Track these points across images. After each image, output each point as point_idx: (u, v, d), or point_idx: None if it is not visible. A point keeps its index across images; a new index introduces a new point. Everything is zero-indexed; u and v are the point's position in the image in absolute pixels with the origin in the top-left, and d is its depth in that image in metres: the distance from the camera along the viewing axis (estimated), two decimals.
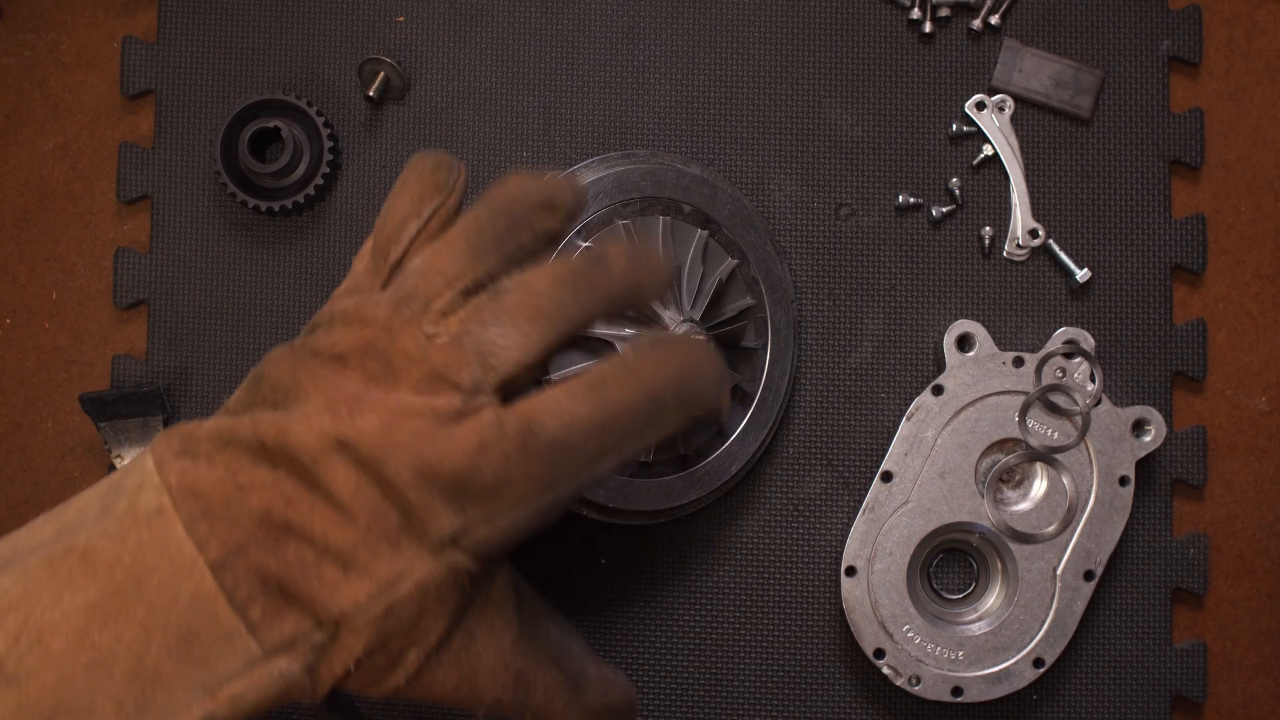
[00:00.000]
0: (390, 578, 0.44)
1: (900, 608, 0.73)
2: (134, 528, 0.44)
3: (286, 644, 0.44)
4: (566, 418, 0.45)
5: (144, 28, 0.81)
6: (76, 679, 0.42)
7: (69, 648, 0.43)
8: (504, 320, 0.45)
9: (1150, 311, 0.78)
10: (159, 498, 0.44)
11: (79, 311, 0.80)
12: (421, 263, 0.47)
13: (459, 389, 0.45)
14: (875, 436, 0.78)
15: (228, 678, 0.44)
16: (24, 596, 0.43)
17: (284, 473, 0.45)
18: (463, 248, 0.47)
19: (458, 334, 0.45)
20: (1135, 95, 0.79)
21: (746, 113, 0.79)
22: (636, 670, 0.77)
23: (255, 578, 0.44)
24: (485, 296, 0.46)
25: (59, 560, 0.44)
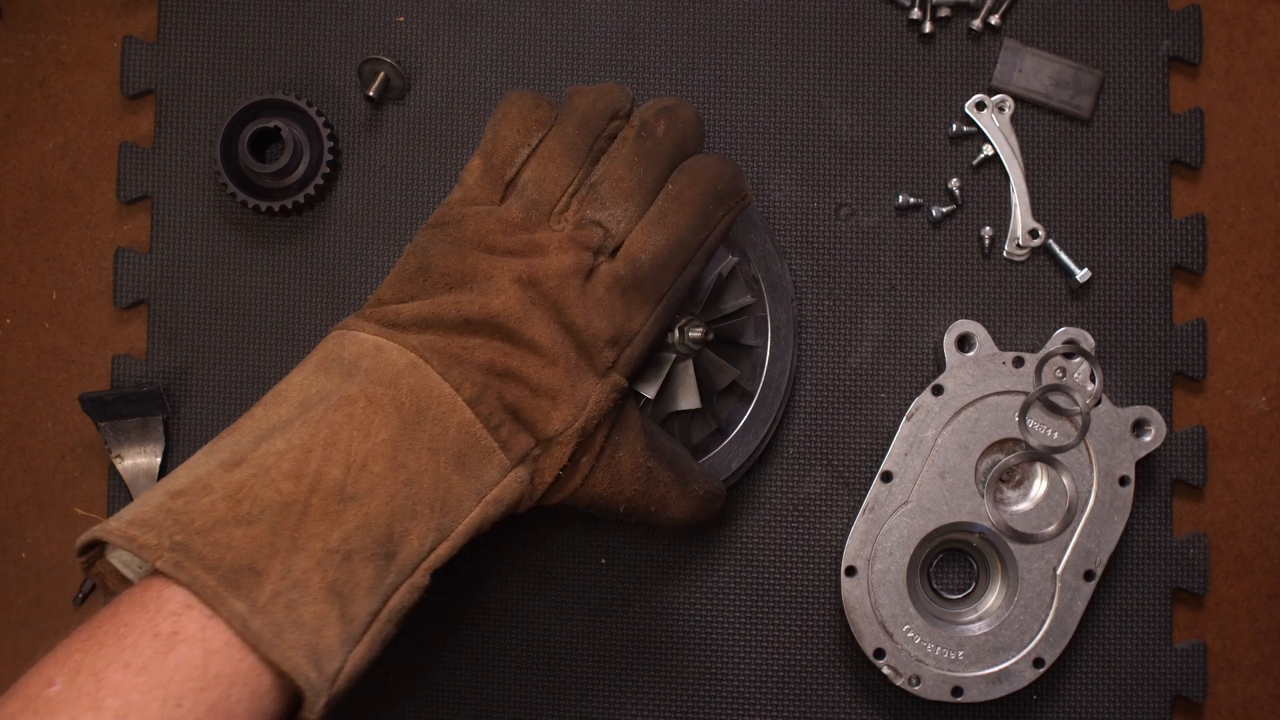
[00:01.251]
0: (582, 401, 0.59)
1: (900, 608, 0.73)
2: (401, 377, 0.56)
3: (523, 458, 0.58)
4: (652, 248, 0.61)
5: (144, 28, 0.81)
6: (399, 492, 0.54)
7: (388, 470, 0.54)
8: (606, 204, 0.61)
9: (1150, 311, 0.78)
10: (406, 355, 0.56)
11: (79, 311, 0.80)
12: (535, 176, 0.62)
13: (588, 250, 0.60)
14: (875, 436, 0.78)
15: (491, 485, 0.57)
16: (335, 435, 0.54)
17: (489, 335, 0.58)
18: (565, 161, 0.62)
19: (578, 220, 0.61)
20: (1135, 95, 0.79)
21: (746, 113, 0.79)
22: (636, 670, 0.77)
23: (500, 406, 0.57)
24: (585, 191, 0.61)
25: (348, 407, 0.55)
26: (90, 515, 0.79)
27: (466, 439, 0.56)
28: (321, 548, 0.51)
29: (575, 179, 0.62)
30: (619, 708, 0.77)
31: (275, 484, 0.52)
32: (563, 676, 0.77)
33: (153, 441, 0.78)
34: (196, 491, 0.52)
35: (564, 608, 0.78)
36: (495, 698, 0.77)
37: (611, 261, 0.61)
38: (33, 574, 0.79)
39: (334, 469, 0.53)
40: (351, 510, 0.52)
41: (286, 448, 0.53)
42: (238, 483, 0.52)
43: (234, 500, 0.51)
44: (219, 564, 0.49)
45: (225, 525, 0.50)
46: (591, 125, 0.64)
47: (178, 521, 0.50)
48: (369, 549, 0.52)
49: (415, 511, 0.54)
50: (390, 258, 0.79)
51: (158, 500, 0.52)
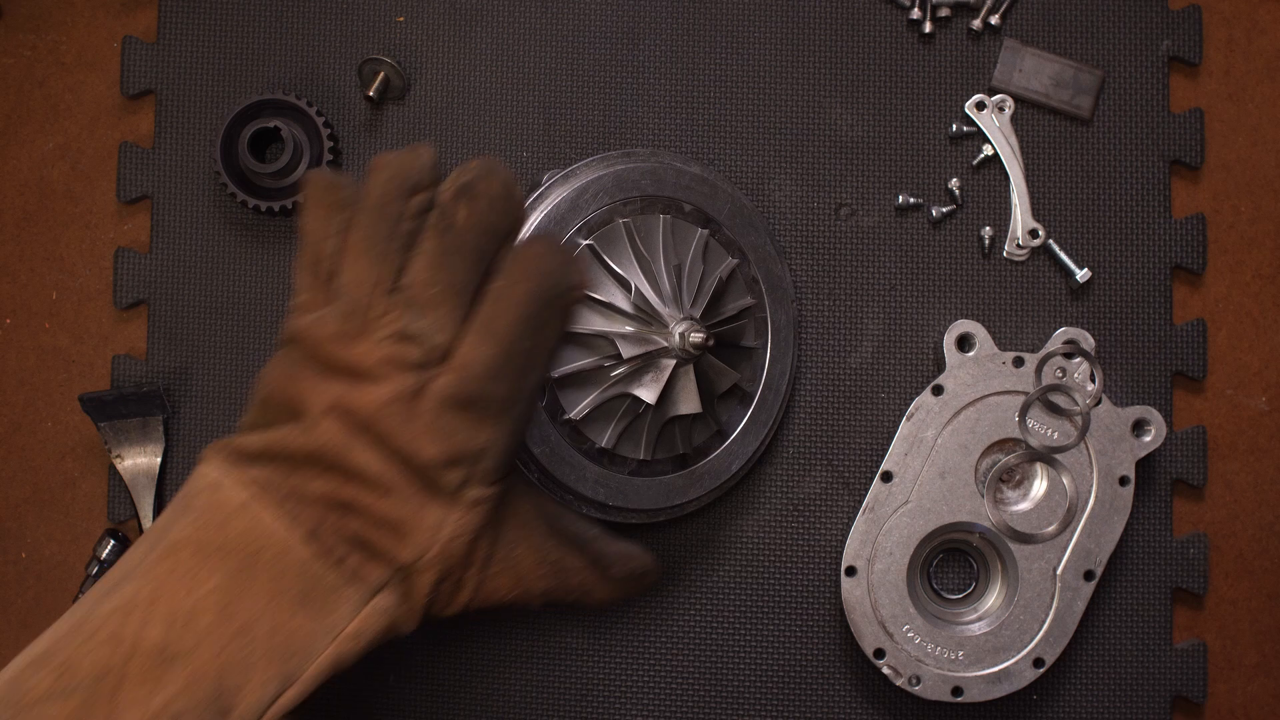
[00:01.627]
0: (433, 527, 0.55)
1: (900, 608, 0.73)
2: (231, 519, 0.53)
3: (380, 587, 0.54)
4: (481, 360, 0.54)
5: (144, 28, 0.81)
6: (230, 644, 0.51)
7: (217, 623, 0.51)
8: (421, 312, 0.54)
9: (1150, 311, 0.78)
10: (241, 493, 0.53)
11: (79, 311, 0.80)
12: (346, 277, 0.55)
13: (408, 368, 0.54)
14: (875, 436, 0.78)
15: (345, 621, 0.54)
16: (159, 591, 0.51)
17: (324, 468, 0.54)
18: (369, 257, 0.55)
19: (396, 332, 0.54)
20: (1135, 95, 0.79)
21: (746, 113, 0.79)
22: (637, 670, 0.77)
23: (343, 540, 0.54)
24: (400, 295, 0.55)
25: (173, 557, 0.52)
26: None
27: (307, 578, 0.53)
28: (141, 716, 0.49)
29: (384, 275, 0.55)
30: (619, 708, 0.77)
31: (92, 652, 0.50)
32: (563, 676, 0.77)
33: (153, 441, 0.78)
34: (42, 662, 0.51)
35: (564, 608, 0.78)
36: (495, 698, 0.77)
37: (441, 375, 0.54)
38: (33, 574, 0.79)
39: (154, 629, 0.51)
40: (174, 671, 0.50)
41: (112, 609, 0.51)
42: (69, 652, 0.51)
43: (59, 672, 0.50)
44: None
45: (47, 699, 0.49)
46: (388, 211, 0.56)
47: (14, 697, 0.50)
48: (196, 710, 0.50)
49: (250, 662, 0.51)
50: None
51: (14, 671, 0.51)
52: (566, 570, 0.61)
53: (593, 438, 0.69)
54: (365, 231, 0.56)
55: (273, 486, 0.54)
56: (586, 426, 0.69)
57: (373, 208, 0.56)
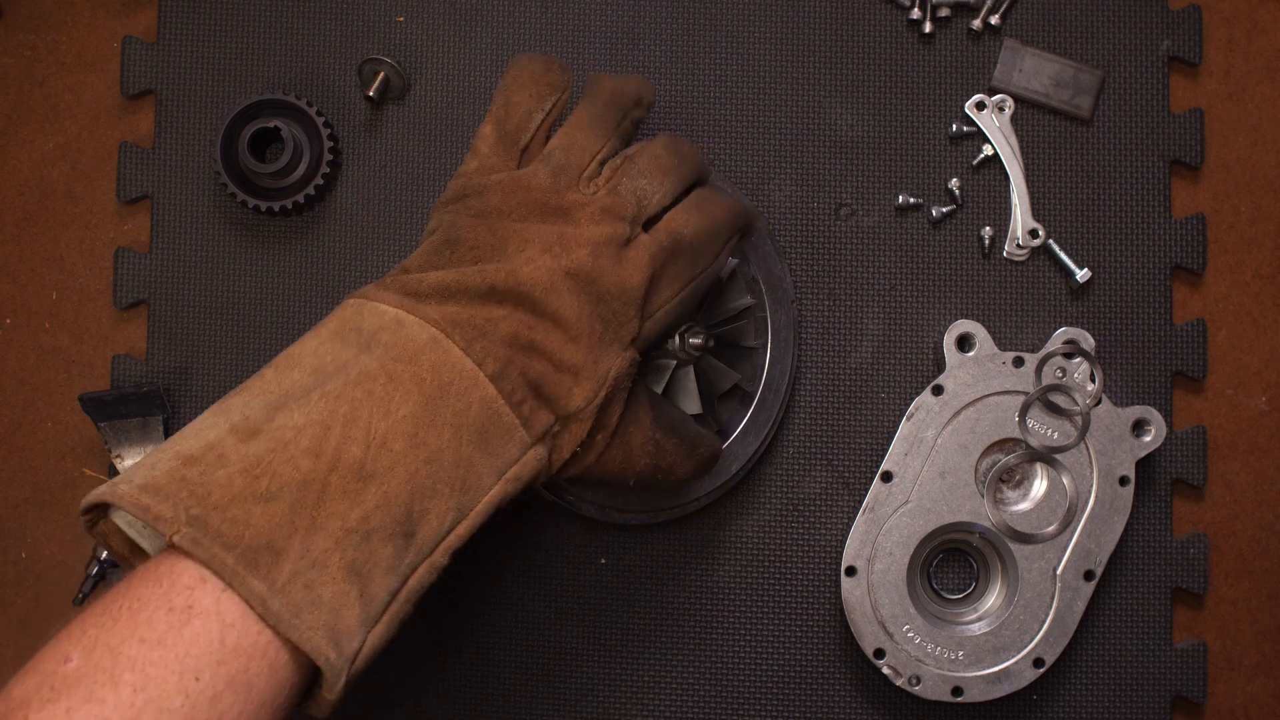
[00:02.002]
0: (603, 377, 0.58)
1: (900, 608, 0.73)
2: (421, 353, 0.55)
3: (543, 435, 0.57)
4: (693, 226, 0.61)
5: (144, 28, 0.81)
6: (419, 471, 0.53)
7: (408, 448, 0.53)
8: (644, 174, 0.61)
9: (1150, 311, 0.78)
10: (427, 330, 0.55)
11: (79, 311, 0.80)
12: (563, 141, 0.61)
13: (625, 220, 0.59)
14: (875, 436, 0.78)
15: (511, 462, 0.56)
16: (355, 412, 0.53)
17: (514, 306, 0.57)
18: (594, 130, 0.62)
19: (612, 186, 0.60)
20: (1135, 95, 0.79)
21: (746, 113, 0.79)
22: (637, 670, 0.77)
23: (524, 383, 0.56)
24: (619, 160, 0.62)
25: (367, 383, 0.54)
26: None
27: (489, 415, 0.55)
28: (340, 527, 0.51)
29: (604, 149, 0.62)
30: (619, 708, 0.77)
31: (294, 460, 0.51)
32: (563, 676, 0.77)
33: (153, 441, 0.78)
34: (211, 461, 0.51)
35: (564, 608, 0.78)
36: (495, 698, 0.77)
37: (650, 233, 0.60)
38: (33, 574, 0.79)
39: (353, 446, 0.52)
40: (371, 489, 0.52)
41: (305, 423, 0.52)
42: (255, 456, 0.51)
43: (252, 475, 0.51)
44: (237, 542, 0.49)
45: (243, 501, 0.50)
46: (619, 103, 0.64)
47: (193, 493, 0.50)
48: (388, 528, 0.52)
49: (435, 490, 0.54)
50: (390, 257, 0.79)
51: (169, 466, 0.51)
52: (663, 451, 0.63)
53: None
54: (596, 112, 0.63)
55: (461, 323, 0.56)
56: None
57: (606, 97, 0.64)
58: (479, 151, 0.62)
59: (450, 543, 0.55)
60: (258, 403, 0.54)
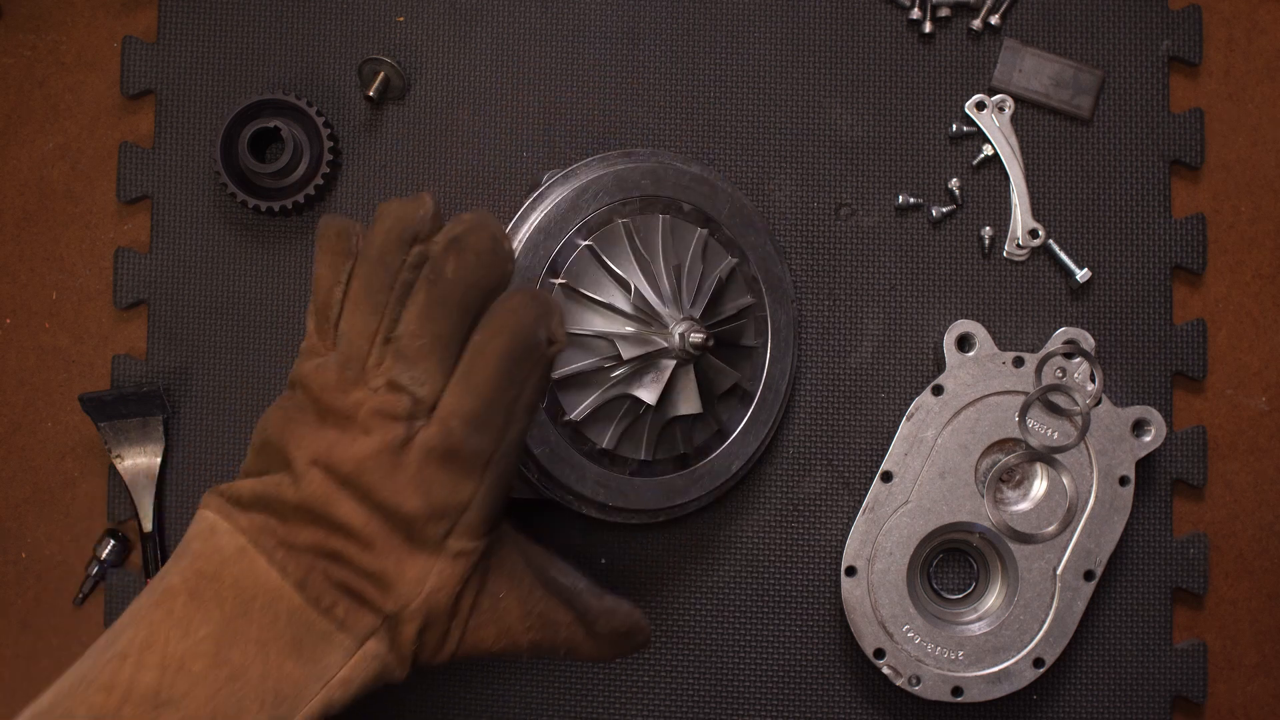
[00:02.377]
0: (416, 579, 0.55)
1: (900, 608, 0.73)
2: (225, 566, 0.54)
3: (370, 633, 0.55)
4: (462, 413, 0.55)
5: (144, 28, 0.81)
6: (222, 691, 0.52)
7: (209, 668, 0.52)
8: (410, 364, 0.55)
9: (1150, 311, 0.78)
10: (237, 538, 0.54)
11: (79, 311, 0.80)
12: (346, 326, 0.57)
13: (398, 420, 0.55)
14: (875, 436, 0.78)
15: (336, 667, 0.54)
16: (152, 637, 0.52)
17: (311, 519, 0.55)
18: (367, 307, 0.56)
19: (388, 382, 0.55)
20: (1135, 95, 0.79)
21: (746, 113, 0.79)
22: (637, 670, 0.77)
23: (331, 588, 0.54)
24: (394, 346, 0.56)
25: (168, 603, 0.53)
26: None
27: (299, 624, 0.54)
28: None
29: (380, 324, 0.56)
30: (619, 708, 0.77)
31: (88, 699, 0.51)
32: (563, 676, 0.77)
33: (153, 441, 0.78)
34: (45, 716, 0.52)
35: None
36: (495, 698, 0.77)
37: (427, 428, 0.55)
38: (33, 574, 0.79)
39: (148, 674, 0.51)
40: (166, 715, 0.51)
41: (110, 656, 0.52)
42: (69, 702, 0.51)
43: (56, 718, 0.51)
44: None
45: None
46: (387, 260, 0.57)
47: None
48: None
49: (241, 709, 0.52)
50: None
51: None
52: (553, 624, 0.60)
53: (593, 439, 0.69)
54: (364, 281, 0.57)
55: (265, 534, 0.54)
56: (587, 427, 0.69)
57: (373, 258, 0.57)
58: (308, 332, 0.59)
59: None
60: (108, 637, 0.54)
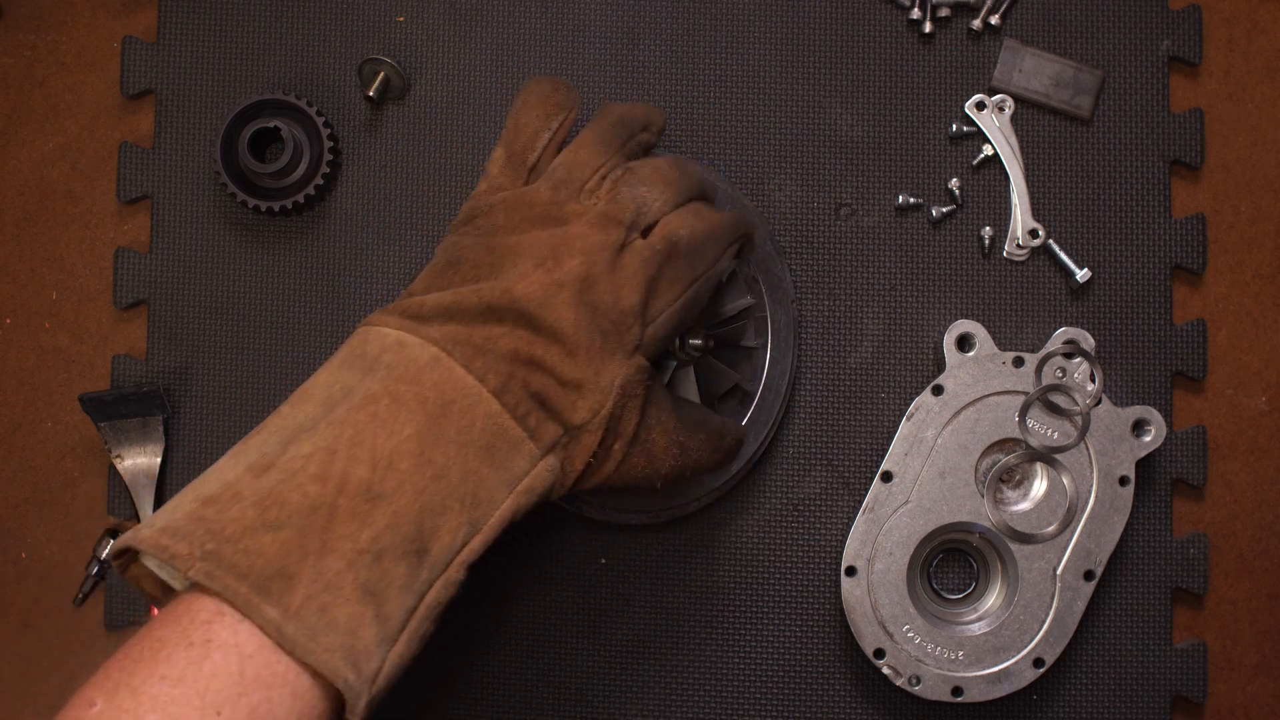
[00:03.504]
0: (607, 388, 0.58)
1: (900, 608, 0.73)
2: (423, 373, 0.55)
3: (552, 446, 0.57)
4: (689, 229, 0.61)
5: (144, 28, 0.81)
6: (427, 488, 0.54)
7: (415, 466, 0.53)
8: (645, 183, 0.61)
9: (1150, 311, 0.78)
10: (428, 350, 0.56)
11: (79, 311, 0.80)
12: (567, 158, 0.62)
13: (621, 225, 0.59)
14: (875, 436, 0.78)
15: (522, 474, 0.57)
16: (360, 434, 0.53)
17: (513, 323, 0.57)
18: (598, 147, 0.62)
19: (611, 194, 0.61)
20: (1135, 95, 0.79)
21: (746, 113, 0.79)
22: (637, 670, 0.77)
23: (527, 396, 0.56)
24: (621, 171, 0.62)
25: (371, 405, 0.54)
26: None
27: (494, 430, 0.56)
28: (352, 548, 0.51)
29: (608, 164, 0.62)
30: (619, 708, 0.77)
31: (302, 487, 0.52)
32: (563, 676, 0.77)
33: (153, 441, 0.78)
34: (227, 499, 0.52)
35: (564, 608, 0.78)
36: (495, 698, 0.77)
37: (647, 239, 0.60)
38: (33, 574, 0.79)
39: (360, 468, 0.53)
40: (380, 509, 0.52)
41: (312, 450, 0.53)
42: (266, 489, 0.52)
43: (262, 507, 0.51)
44: (250, 571, 0.49)
45: (254, 532, 0.50)
46: (626, 124, 0.64)
47: (209, 530, 0.50)
48: (400, 547, 0.52)
49: (445, 506, 0.54)
50: (390, 257, 0.79)
51: (189, 508, 0.52)
52: (688, 451, 0.63)
53: None
54: (602, 131, 0.63)
55: (462, 341, 0.56)
56: None
57: (613, 119, 0.64)
58: (489, 174, 0.63)
59: (464, 557, 0.55)
60: (274, 439, 0.54)
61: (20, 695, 0.79)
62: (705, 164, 0.67)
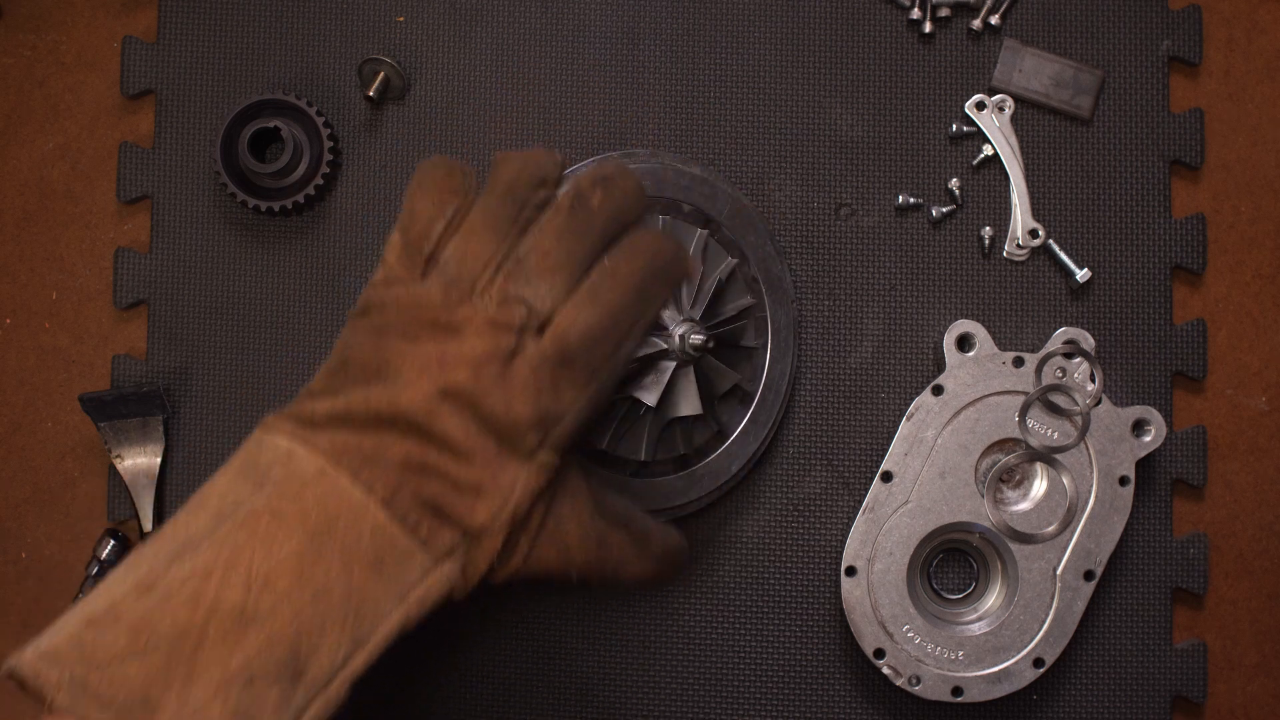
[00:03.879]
0: (508, 489, 0.56)
1: (900, 608, 0.73)
2: (307, 487, 0.53)
3: (447, 552, 0.55)
4: (582, 324, 0.56)
5: (144, 28, 0.81)
6: (305, 608, 0.52)
7: (293, 585, 0.52)
8: (532, 277, 0.57)
9: (1150, 311, 0.78)
10: (317, 460, 0.54)
11: (79, 311, 0.80)
12: (457, 252, 0.58)
13: (511, 330, 0.56)
14: (875, 436, 0.78)
15: (413, 584, 0.54)
16: (237, 555, 0.52)
17: (402, 432, 0.55)
18: (488, 235, 0.58)
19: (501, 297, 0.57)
20: (1135, 95, 0.79)
21: (746, 113, 0.79)
22: (637, 670, 0.77)
23: (417, 504, 0.54)
24: (511, 265, 0.57)
25: (252, 523, 0.53)
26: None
27: (382, 542, 0.54)
28: (220, 675, 0.50)
29: (499, 252, 0.58)
30: (619, 708, 0.77)
31: (173, 612, 0.51)
32: (563, 676, 0.77)
33: (153, 441, 0.78)
34: (108, 621, 0.51)
35: (564, 608, 0.78)
36: (495, 698, 0.77)
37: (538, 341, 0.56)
38: (33, 574, 0.79)
39: (233, 591, 0.51)
40: (252, 632, 0.51)
41: (189, 573, 0.52)
42: (141, 612, 0.51)
43: (135, 632, 0.51)
44: (112, 700, 0.49)
45: (123, 659, 0.50)
46: (516, 194, 0.59)
47: (82, 655, 0.50)
48: (273, 671, 0.51)
49: (324, 625, 0.52)
50: None
51: (72, 629, 0.52)
52: (608, 545, 0.61)
53: (593, 440, 0.69)
54: (487, 213, 0.58)
55: (349, 452, 0.54)
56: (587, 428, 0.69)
57: (501, 191, 0.59)
58: (387, 262, 0.59)
59: (346, 675, 0.53)
60: (164, 553, 0.53)
61: (20, 695, 0.79)
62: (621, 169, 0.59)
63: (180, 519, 0.55)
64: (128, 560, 0.54)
